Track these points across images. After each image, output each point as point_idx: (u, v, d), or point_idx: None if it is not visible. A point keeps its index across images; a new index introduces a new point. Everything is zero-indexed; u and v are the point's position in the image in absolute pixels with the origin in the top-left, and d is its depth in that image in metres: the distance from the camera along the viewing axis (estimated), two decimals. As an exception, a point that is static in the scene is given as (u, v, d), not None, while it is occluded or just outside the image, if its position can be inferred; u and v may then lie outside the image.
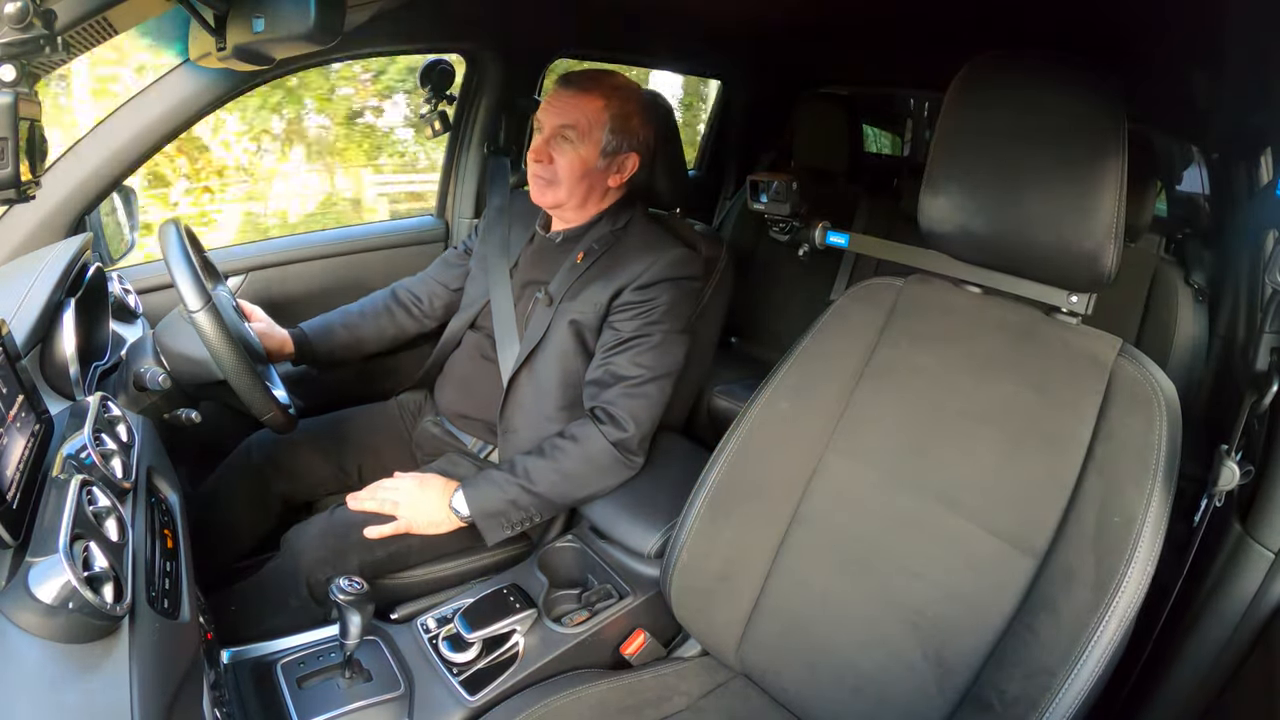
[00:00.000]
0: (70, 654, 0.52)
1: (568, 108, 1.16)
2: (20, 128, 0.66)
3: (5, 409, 0.61)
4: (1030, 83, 0.80)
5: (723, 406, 1.83)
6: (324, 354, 1.32)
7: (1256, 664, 0.78)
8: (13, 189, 0.68)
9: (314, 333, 1.31)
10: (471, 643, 0.96)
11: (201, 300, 0.91)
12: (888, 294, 0.97)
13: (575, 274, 1.21)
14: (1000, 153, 0.80)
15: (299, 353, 1.28)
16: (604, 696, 0.94)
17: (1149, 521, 0.72)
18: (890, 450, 0.91)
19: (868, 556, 0.89)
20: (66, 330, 0.90)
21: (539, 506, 1.12)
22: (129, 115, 1.16)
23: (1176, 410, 0.76)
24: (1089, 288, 0.83)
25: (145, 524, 0.70)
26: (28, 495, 0.60)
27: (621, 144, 1.19)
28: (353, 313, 1.38)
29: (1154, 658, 0.89)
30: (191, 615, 0.68)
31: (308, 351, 1.30)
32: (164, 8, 0.92)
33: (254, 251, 1.53)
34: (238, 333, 0.99)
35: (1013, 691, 0.75)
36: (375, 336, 1.38)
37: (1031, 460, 0.81)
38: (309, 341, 1.30)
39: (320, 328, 1.33)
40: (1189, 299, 1.75)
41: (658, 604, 1.07)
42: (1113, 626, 0.71)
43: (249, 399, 0.97)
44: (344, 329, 1.35)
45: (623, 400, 1.13)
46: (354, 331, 1.36)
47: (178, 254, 0.93)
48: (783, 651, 0.94)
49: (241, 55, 0.92)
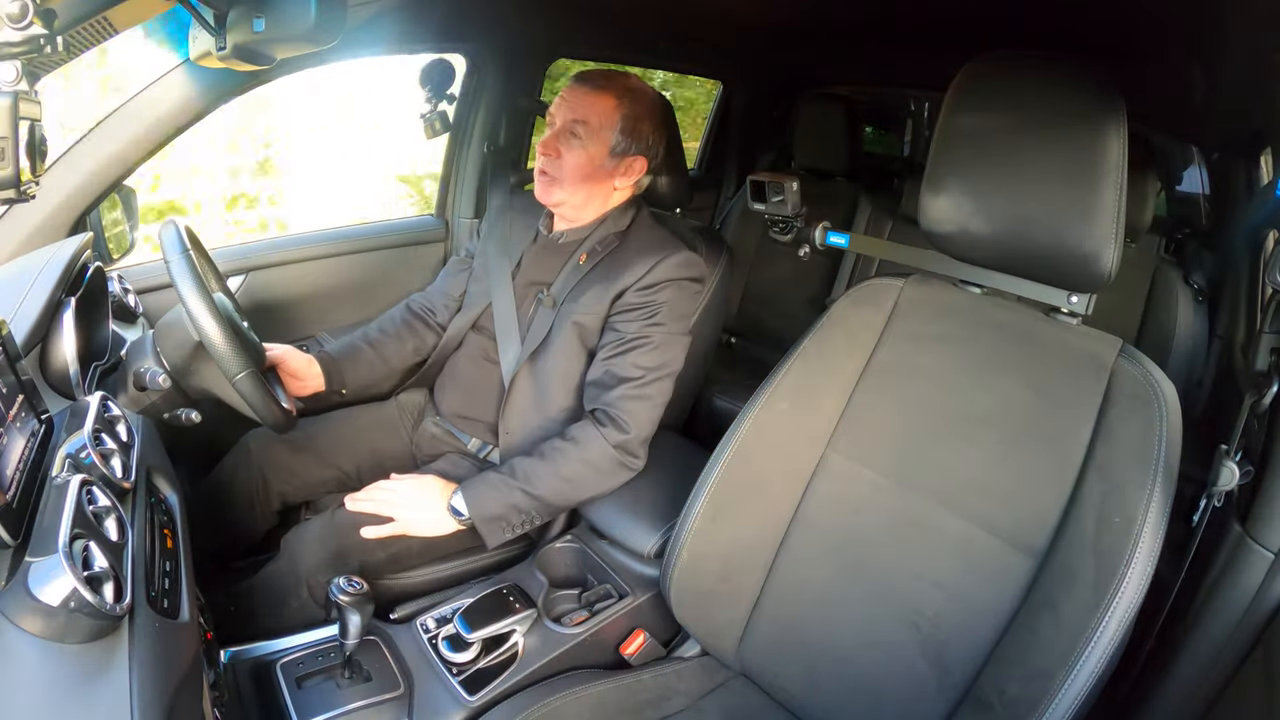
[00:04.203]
0: (70, 654, 0.52)
1: (581, 104, 1.16)
2: (20, 128, 0.66)
3: (5, 409, 0.61)
4: (1030, 83, 0.80)
5: (722, 406, 1.83)
6: (353, 379, 1.30)
7: (1256, 664, 0.78)
8: (13, 189, 0.68)
9: (341, 357, 1.30)
10: (471, 643, 0.96)
11: (203, 300, 0.91)
12: (888, 294, 0.97)
13: (577, 275, 1.21)
14: (1000, 153, 0.80)
15: (329, 380, 1.26)
16: (603, 696, 0.94)
17: (1149, 521, 0.72)
18: (890, 450, 0.91)
19: (867, 557, 0.89)
20: (66, 330, 0.90)
21: (539, 509, 1.12)
22: (129, 115, 1.16)
23: (1176, 410, 0.76)
24: (1089, 288, 0.83)
25: (145, 524, 0.70)
26: (27, 495, 0.60)
27: (630, 146, 1.19)
28: (373, 332, 1.37)
29: (1154, 658, 0.89)
30: (191, 615, 0.68)
31: (337, 379, 1.28)
32: (164, 8, 0.92)
33: (254, 251, 1.53)
34: (238, 332, 0.99)
35: (1012, 691, 0.75)
36: (398, 351, 1.36)
37: (1031, 460, 0.81)
38: (338, 367, 1.28)
39: (346, 352, 1.31)
40: (1189, 299, 1.75)
41: (657, 604, 1.07)
42: (1113, 626, 0.71)
43: (249, 399, 0.97)
44: (369, 348, 1.33)
45: (624, 402, 1.13)
46: (380, 350, 1.34)
47: (178, 255, 0.92)
48: (782, 651, 0.94)
49: (241, 55, 0.92)
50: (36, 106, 0.71)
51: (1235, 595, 0.81)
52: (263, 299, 1.50)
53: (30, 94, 0.68)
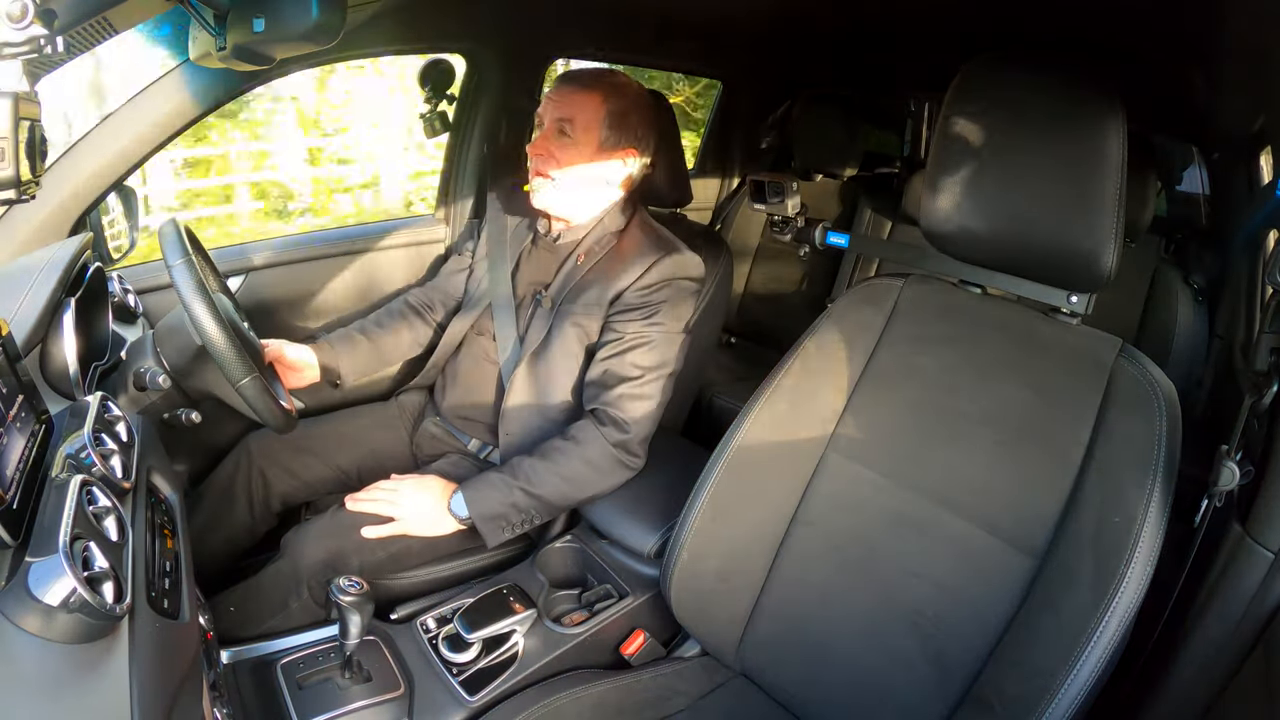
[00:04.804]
0: (70, 654, 0.52)
1: (566, 102, 1.18)
2: (20, 128, 0.66)
3: (5, 409, 0.61)
4: (1030, 83, 0.80)
5: (722, 406, 1.83)
6: (349, 369, 1.30)
7: (1256, 664, 0.78)
8: (13, 189, 0.67)
9: (337, 347, 1.30)
10: (471, 643, 0.96)
11: (205, 305, 0.90)
12: (888, 294, 0.97)
13: (575, 275, 1.21)
14: (1000, 153, 0.80)
15: (325, 371, 1.27)
16: (603, 697, 0.94)
17: (1149, 521, 0.72)
18: (890, 450, 0.91)
19: (867, 557, 0.89)
20: (66, 330, 0.89)
21: (539, 509, 1.12)
22: (129, 115, 1.15)
23: (1176, 410, 0.76)
24: (1089, 288, 0.83)
25: (145, 524, 0.69)
26: (27, 495, 0.60)
27: (620, 140, 1.20)
28: (370, 324, 1.37)
29: (1154, 658, 0.89)
30: (191, 615, 0.68)
31: (334, 369, 1.28)
32: (164, 8, 0.92)
33: (254, 251, 1.53)
34: (240, 335, 0.99)
35: (1012, 691, 0.75)
36: (395, 344, 1.37)
37: (1031, 460, 0.81)
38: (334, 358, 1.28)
39: (342, 343, 1.31)
40: (1189, 299, 1.75)
41: (657, 604, 1.07)
42: (1113, 626, 0.71)
43: (252, 403, 0.97)
44: (365, 339, 1.33)
45: (623, 401, 1.13)
46: (376, 342, 1.34)
47: (179, 258, 0.92)
48: (782, 651, 0.94)
49: (241, 55, 0.92)
50: (36, 106, 0.71)
51: (1235, 595, 0.80)
52: (263, 299, 1.50)
53: (30, 94, 0.68)
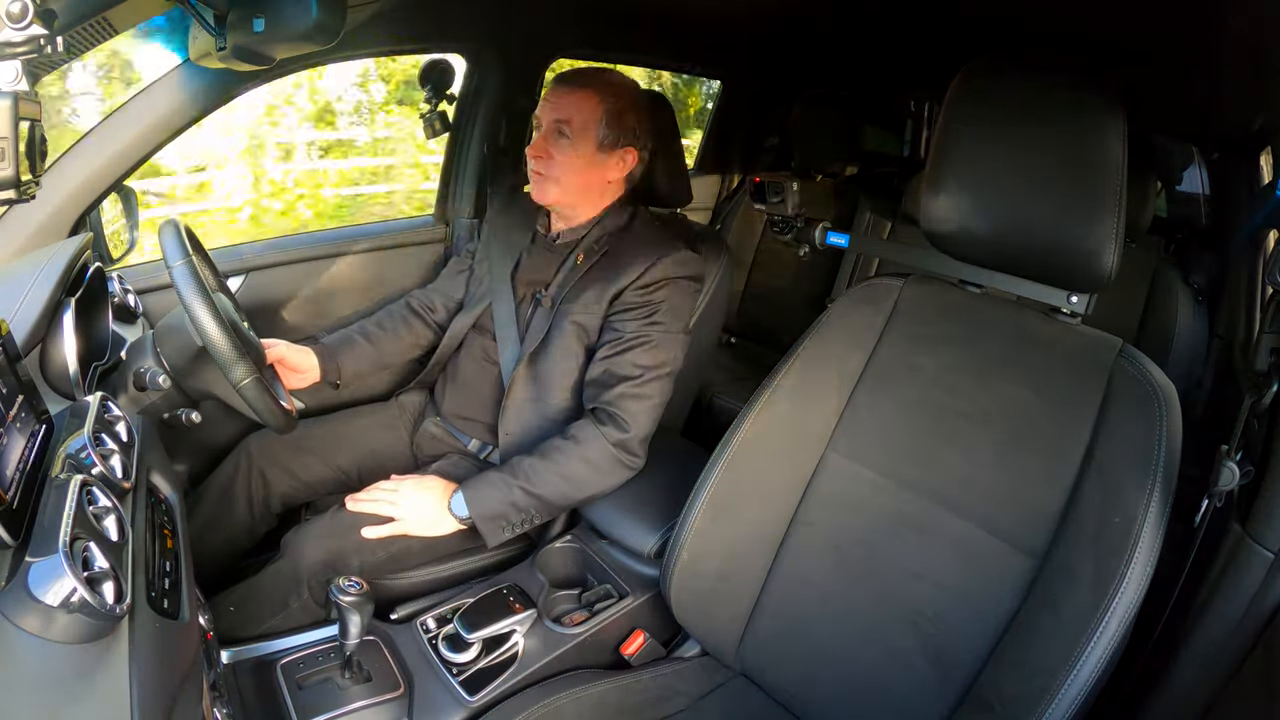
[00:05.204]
0: (70, 654, 0.52)
1: (563, 103, 1.18)
2: (20, 128, 0.66)
3: (5, 409, 0.61)
4: (1030, 83, 0.80)
5: (722, 406, 1.83)
6: (349, 370, 1.31)
7: (1256, 664, 0.78)
8: (13, 189, 0.67)
9: (337, 348, 1.30)
10: (471, 643, 0.96)
11: (206, 306, 0.90)
12: (888, 294, 0.97)
13: (575, 275, 1.21)
14: (1000, 153, 0.80)
15: (325, 372, 1.27)
16: (603, 697, 0.94)
17: (1149, 521, 0.72)
18: (890, 451, 0.91)
19: (868, 557, 0.89)
20: (66, 330, 0.89)
21: (539, 508, 1.12)
22: (129, 115, 1.16)
23: (1176, 410, 0.76)
24: (1089, 288, 0.83)
25: (145, 524, 0.70)
26: (27, 495, 0.60)
27: (618, 139, 1.20)
28: (371, 326, 1.37)
29: (1154, 658, 0.89)
30: (191, 615, 0.68)
31: (334, 370, 1.29)
32: (164, 8, 0.92)
33: (253, 252, 1.53)
34: (240, 335, 0.99)
35: (1012, 691, 0.75)
36: (395, 346, 1.37)
37: (1031, 460, 0.81)
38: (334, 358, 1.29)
39: (343, 344, 1.32)
40: (1189, 299, 1.74)
41: (657, 604, 1.07)
42: (1113, 627, 0.71)
43: (253, 404, 0.97)
44: (366, 341, 1.34)
45: (623, 401, 1.13)
46: (376, 344, 1.35)
47: (179, 258, 0.92)
48: (782, 651, 0.94)
49: (241, 55, 0.92)
50: (36, 106, 0.71)
51: (1235, 595, 0.80)
52: (263, 299, 1.50)
53: (30, 94, 0.68)
